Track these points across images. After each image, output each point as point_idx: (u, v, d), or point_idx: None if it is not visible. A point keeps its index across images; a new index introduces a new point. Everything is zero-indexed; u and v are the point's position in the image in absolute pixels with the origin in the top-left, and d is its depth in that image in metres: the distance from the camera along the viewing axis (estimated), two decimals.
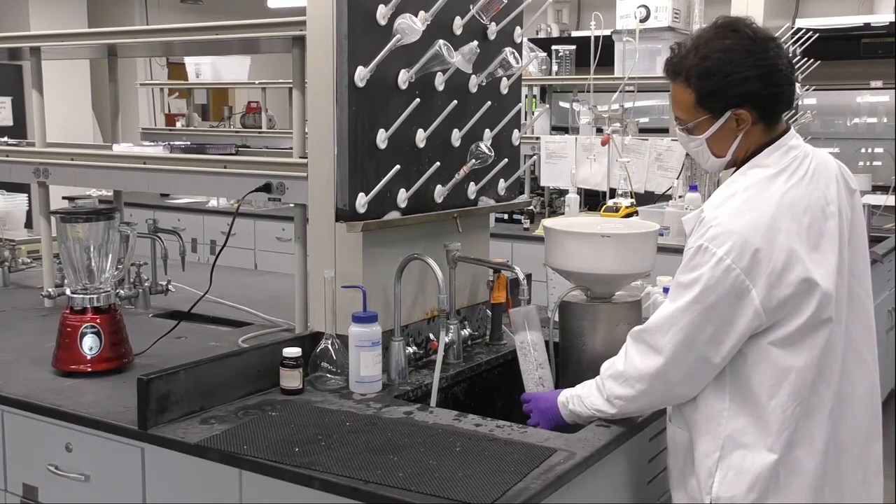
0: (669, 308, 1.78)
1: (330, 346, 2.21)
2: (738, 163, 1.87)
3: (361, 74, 2.17)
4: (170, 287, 3.02)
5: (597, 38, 5.09)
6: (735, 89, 1.77)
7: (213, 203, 6.20)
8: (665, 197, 5.03)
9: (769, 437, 1.74)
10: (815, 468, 1.77)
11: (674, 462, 1.94)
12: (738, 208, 1.74)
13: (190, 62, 7.18)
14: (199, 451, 1.85)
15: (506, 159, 2.64)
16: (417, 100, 2.28)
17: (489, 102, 2.53)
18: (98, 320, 2.31)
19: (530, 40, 5.62)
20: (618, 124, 5.12)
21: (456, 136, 2.48)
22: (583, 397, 1.96)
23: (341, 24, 2.15)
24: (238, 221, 2.70)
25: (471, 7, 2.41)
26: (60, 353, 2.30)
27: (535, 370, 2.21)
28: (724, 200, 1.77)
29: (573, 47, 5.65)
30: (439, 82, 2.39)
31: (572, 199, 5.07)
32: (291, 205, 2.42)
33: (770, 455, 1.74)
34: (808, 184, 1.79)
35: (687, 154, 4.98)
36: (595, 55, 5.10)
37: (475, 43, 2.34)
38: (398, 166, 2.24)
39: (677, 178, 4.95)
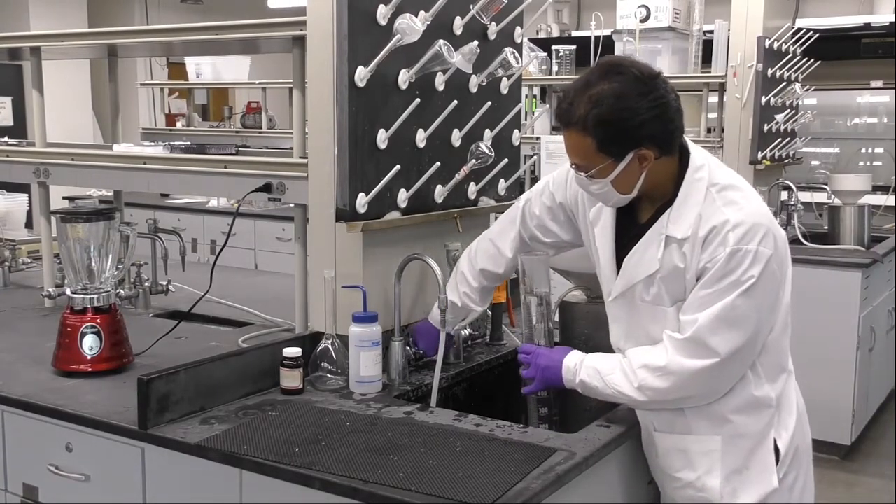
0: (713, 312, 1.78)
1: (330, 346, 2.21)
2: (650, 195, 1.89)
3: (362, 74, 2.17)
4: (170, 287, 3.02)
5: (597, 38, 5.09)
6: (635, 132, 1.77)
7: (213, 203, 6.20)
8: None
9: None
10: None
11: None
12: (734, 202, 1.80)
13: (190, 62, 7.17)
14: (200, 451, 1.85)
15: (506, 159, 2.64)
16: (418, 100, 2.28)
17: (489, 102, 2.53)
18: (98, 320, 2.31)
19: (530, 40, 5.62)
20: None
21: (456, 136, 2.48)
22: (603, 373, 1.93)
23: (341, 24, 2.15)
24: (238, 221, 2.70)
25: (471, 7, 2.41)
26: (61, 353, 2.30)
27: (540, 322, 2.15)
28: (712, 203, 1.81)
29: (573, 47, 5.64)
30: (439, 82, 2.39)
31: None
32: (291, 205, 2.42)
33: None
34: None
35: None
36: (595, 55, 5.10)
37: (475, 43, 2.34)
38: (398, 166, 2.24)
39: None
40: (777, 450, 1.89)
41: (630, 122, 1.76)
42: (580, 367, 1.96)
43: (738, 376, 1.85)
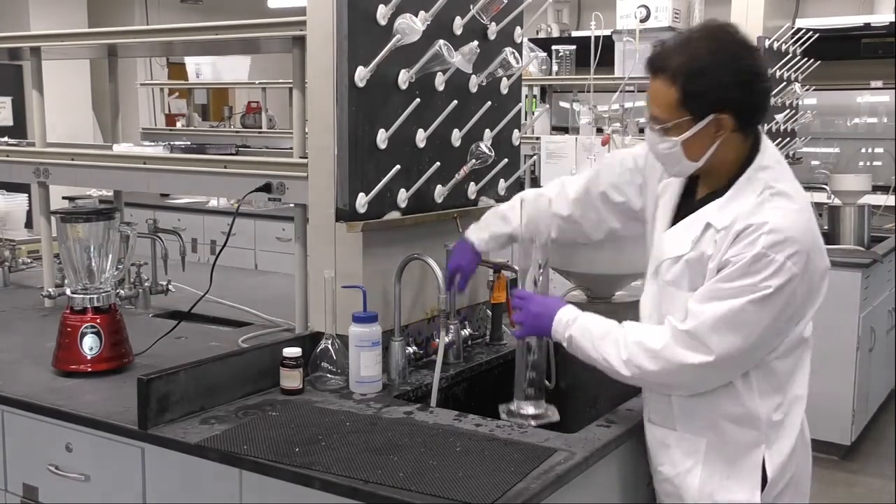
0: (720, 308, 1.75)
1: (330, 346, 2.21)
2: (711, 172, 1.86)
3: (361, 74, 2.17)
4: (170, 287, 3.02)
5: (597, 38, 5.08)
6: (721, 93, 1.75)
7: (213, 203, 6.19)
8: None
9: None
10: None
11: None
12: (781, 209, 1.76)
13: (190, 62, 7.18)
14: (200, 451, 1.85)
15: (506, 159, 2.63)
16: (417, 100, 2.28)
17: (489, 102, 2.53)
18: (98, 320, 2.31)
19: (530, 40, 5.62)
20: (618, 124, 5.11)
21: (456, 136, 2.48)
22: (594, 336, 1.90)
23: (341, 24, 2.15)
24: (238, 221, 2.70)
25: (471, 7, 2.41)
26: (60, 353, 2.30)
27: (536, 268, 2.08)
28: (761, 204, 1.77)
29: (573, 47, 5.64)
30: (439, 82, 2.39)
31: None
32: (291, 205, 2.42)
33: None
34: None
35: None
36: (595, 55, 5.10)
37: (475, 43, 2.34)
38: (398, 166, 2.24)
39: None
40: (765, 471, 1.85)
41: (717, 81, 1.74)
42: (572, 323, 1.93)
43: (727, 380, 1.83)
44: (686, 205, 1.92)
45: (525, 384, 2.10)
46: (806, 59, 5.04)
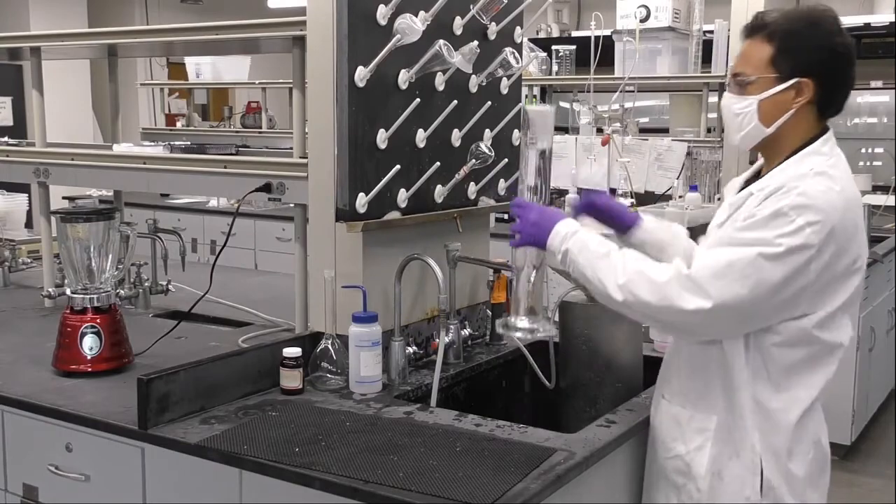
0: (729, 255, 1.73)
1: (330, 346, 2.21)
2: (773, 150, 1.85)
3: (361, 74, 2.17)
4: (170, 287, 3.02)
5: (597, 38, 5.08)
6: (812, 56, 1.78)
7: (213, 203, 6.20)
8: (665, 197, 5.02)
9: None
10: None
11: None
12: (819, 184, 1.74)
13: (190, 62, 7.18)
14: (200, 451, 1.85)
15: (506, 159, 2.63)
16: (417, 100, 2.28)
17: (489, 102, 2.53)
18: (98, 320, 2.31)
19: (530, 40, 5.62)
20: (618, 124, 5.11)
21: (456, 136, 2.48)
22: (593, 254, 1.84)
23: (341, 24, 2.15)
24: (238, 221, 2.70)
25: (471, 7, 2.41)
26: (61, 353, 2.30)
27: (538, 177, 1.98)
28: (803, 175, 1.76)
29: (573, 47, 5.64)
30: (439, 82, 2.39)
31: (572, 199, 5.06)
32: (291, 205, 2.42)
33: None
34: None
35: (688, 153, 5.03)
36: (595, 55, 5.10)
37: (475, 43, 2.34)
38: (398, 166, 2.24)
39: (677, 178, 4.95)
40: (763, 474, 1.84)
41: (812, 44, 1.78)
42: (570, 237, 1.86)
43: (716, 334, 1.82)
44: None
45: (522, 299, 1.98)
46: None
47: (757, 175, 1.91)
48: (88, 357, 2.28)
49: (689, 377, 1.93)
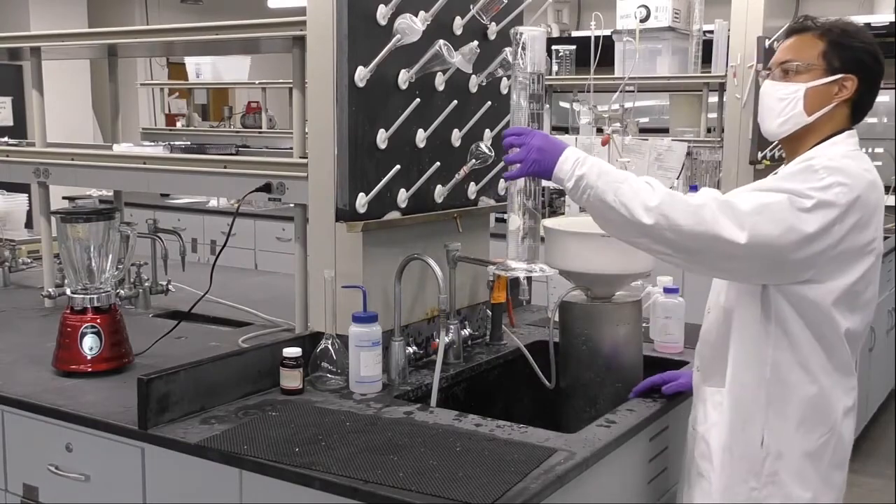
0: (764, 198, 1.74)
1: (330, 346, 2.21)
2: (800, 142, 1.88)
3: (361, 74, 2.17)
4: (170, 287, 3.02)
5: (597, 38, 5.08)
6: (861, 56, 1.84)
7: (213, 203, 6.19)
8: None
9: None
10: None
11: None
12: (848, 159, 1.81)
13: (190, 62, 7.17)
14: (200, 451, 1.85)
15: None
16: (417, 100, 2.28)
17: (489, 102, 2.54)
18: (98, 320, 2.31)
19: None
20: (618, 124, 5.11)
21: (456, 136, 2.48)
22: (612, 178, 1.75)
23: (341, 24, 2.15)
24: (238, 221, 2.70)
25: (471, 7, 2.41)
26: (61, 353, 2.30)
27: (530, 103, 1.89)
28: (832, 156, 1.81)
29: (573, 47, 5.64)
30: (439, 82, 2.39)
31: None
32: (292, 205, 2.42)
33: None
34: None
35: (688, 153, 5.03)
36: (595, 55, 5.10)
37: (475, 43, 2.34)
38: (398, 166, 2.24)
39: (677, 178, 4.95)
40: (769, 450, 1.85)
41: (862, 46, 1.85)
42: (584, 162, 1.77)
43: (741, 273, 1.81)
44: None
45: (519, 236, 1.91)
46: None
47: None
48: (88, 357, 2.28)
49: (711, 349, 1.97)
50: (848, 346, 1.86)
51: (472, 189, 2.57)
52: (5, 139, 3.35)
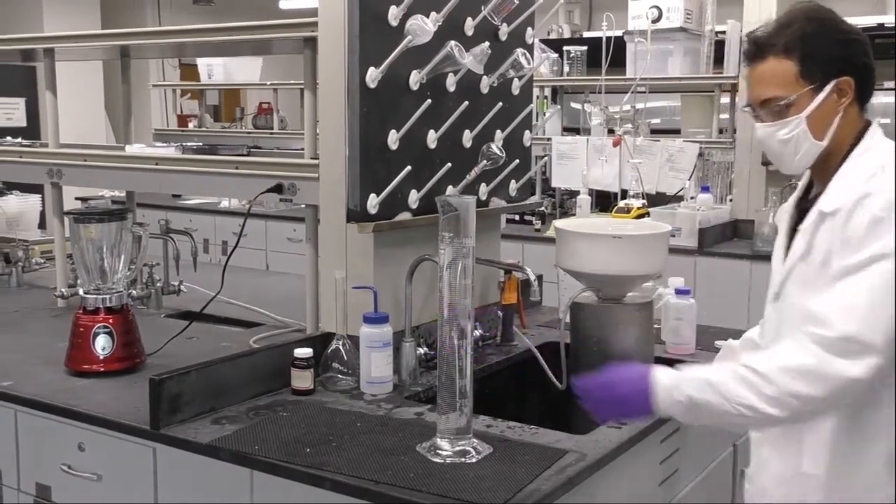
0: (857, 286, 1.52)
1: (341, 347, 2.22)
2: (825, 168, 1.69)
3: (373, 75, 2.18)
4: (182, 287, 3.03)
5: (608, 38, 5.08)
6: (839, 52, 1.65)
7: (224, 204, 6.21)
8: (677, 198, 5.01)
9: None
10: None
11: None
12: (891, 177, 1.59)
13: (202, 63, 7.20)
14: (211, 451, 1.85)
15: (517, 160, 2.63)
16: (429, 101, 2.28)
17: (500, 103, 2.53)
18: (111, 320, 2.32)
19: (542, 41, 5.62)
20: (629, 125, 5.11)
21: (467, 137, 2.48)
22: (715, 383, 1.58)
23: (353, 25, 2.16)
24: (249, 222, 2.70)
25: (482, 8, 2.41)
26: (73, 353, 2.31)
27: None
28: (871, 175, 1.61)
29: (585, 48, 5.64)
30: (451, 83, 2.39)
31: (584, 200, 5.06)
32: (303, 205, 2.42)
33: None
34: None
35: (700, 154, 5.01)
36: (607, 56, 5.09)
37: (486, 44, 2.34)
38: (409, 167, 2.24)
39: (689, 178, 4.94)
40: None
41: (833, 40, 1.65)
42: (681, 382, 1.62)
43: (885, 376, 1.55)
44: (803, 213, 1.74)
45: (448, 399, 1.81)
46: None
47: (807, 190, 1.78)
48: (101, 357, 2.29)
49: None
50: None
51: (483, 190, 2.57)
52: (19, 140, 3.37)
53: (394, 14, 2.20)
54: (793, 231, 1.74)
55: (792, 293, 1.70)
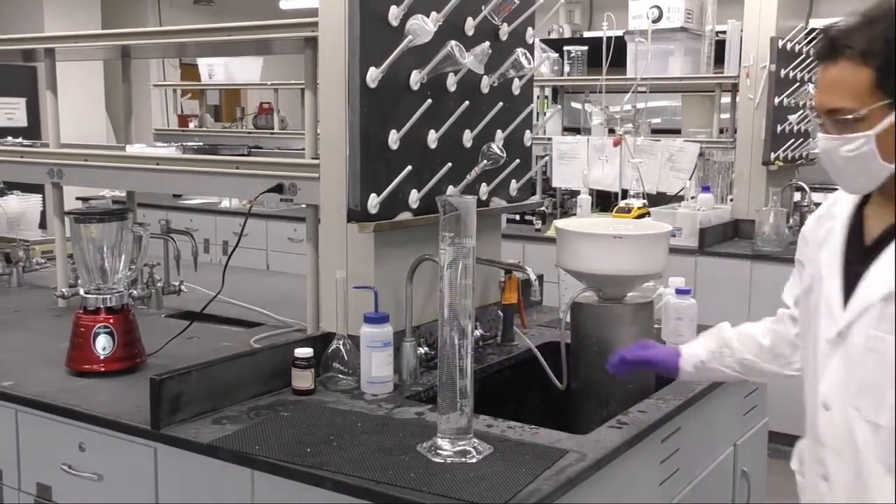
0: None
1: (341, 347, 2.22)
2: (885, 194, 1.52)
3: (373, 75, 2.17)
4: (182, 287, 3.03)
5: (609, 38, 5.08)
6: None
7: (225, 204, 6.21)
8: (677, 198, 5.02)
9: None
10: None
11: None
12: None
13: (203, 63, 7.20)
14: (212, 451, 1.85)
15: (517, 160, 2.63)
16: (429, 101, 2.28)
17: (501, 103, 2.53)
18: (111, 320, 2.32)
19: (542, 41, 5.62)
20: (630, 125, 5.11)
21: (468, 137, 2.48)
22: None
23: (353, 25, 2.16)
24: (250, 222, 2.71)
25: (483, 8, 2.41)
26: (74, 353, 2.32)
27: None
28: None
29: (585, 48, 5.64)
30: (451, 83, 2.39)
31: (584, 199, 5.07)
32: (303, 205, 2.42)
33: None
34: None
35: (700, 154, 5.02)
36: (607, 56, 5.09)
37: (487, 44, 2.34)
38: (410, 167, 2.24)
39: (689, 178, 4.94)
40: None
41: None
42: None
43: None
44: (854, 251, 1.56)
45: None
46: None
47: (860, 211, 1.59)
48: (101, 357, 2.29)
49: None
50: None
51: (484, 190, 2.57)
52: (19, 140, 3.37)
53: (394, 14, 2.20)
54: (847, 262, 1.56)
55: (874, 336, 1.49)
